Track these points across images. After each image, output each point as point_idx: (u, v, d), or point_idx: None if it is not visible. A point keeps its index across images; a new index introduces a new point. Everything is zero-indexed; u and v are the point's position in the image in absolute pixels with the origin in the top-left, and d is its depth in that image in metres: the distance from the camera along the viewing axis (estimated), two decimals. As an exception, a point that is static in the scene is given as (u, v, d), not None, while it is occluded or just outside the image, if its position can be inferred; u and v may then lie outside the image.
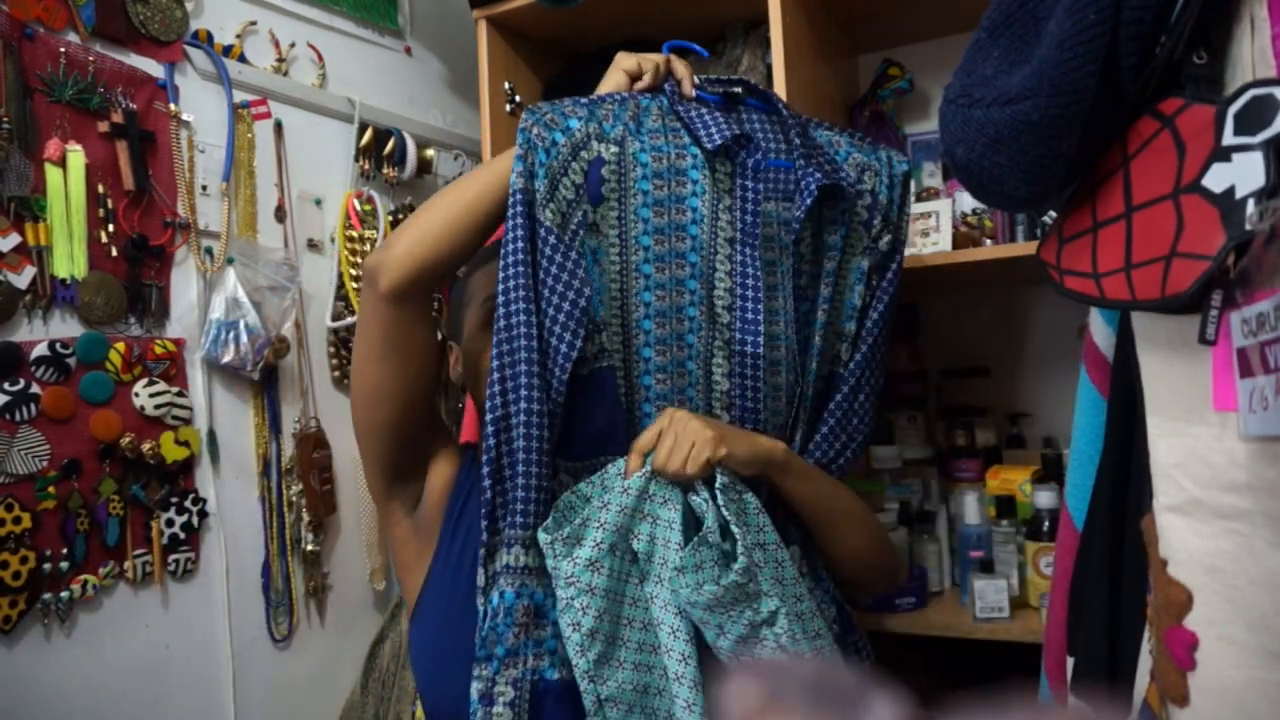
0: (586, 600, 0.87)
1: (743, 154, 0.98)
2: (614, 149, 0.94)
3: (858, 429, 1.08)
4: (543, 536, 0.89)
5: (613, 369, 0.95)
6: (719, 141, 0.94)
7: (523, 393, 0.88)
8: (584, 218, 0.92)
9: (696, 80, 1.03)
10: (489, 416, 0.90)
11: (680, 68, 1.03)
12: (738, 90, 1.04)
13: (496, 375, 0.90)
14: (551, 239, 0.90)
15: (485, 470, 0.90)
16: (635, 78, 1.02)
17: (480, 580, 0.90)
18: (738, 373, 0.98)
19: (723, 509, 0.89)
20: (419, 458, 1.04)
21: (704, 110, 0.99)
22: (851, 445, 1.08)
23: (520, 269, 0.90)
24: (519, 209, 0.90)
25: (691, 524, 0.91)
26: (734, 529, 0.88)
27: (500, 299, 0.90)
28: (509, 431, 0.89)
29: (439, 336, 1.10)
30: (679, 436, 0.90)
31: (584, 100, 0.97)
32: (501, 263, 0.90)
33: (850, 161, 1.06)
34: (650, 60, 1.02)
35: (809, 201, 0.97)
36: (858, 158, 1.07)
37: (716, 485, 0.89)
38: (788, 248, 1.00)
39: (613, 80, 1.03)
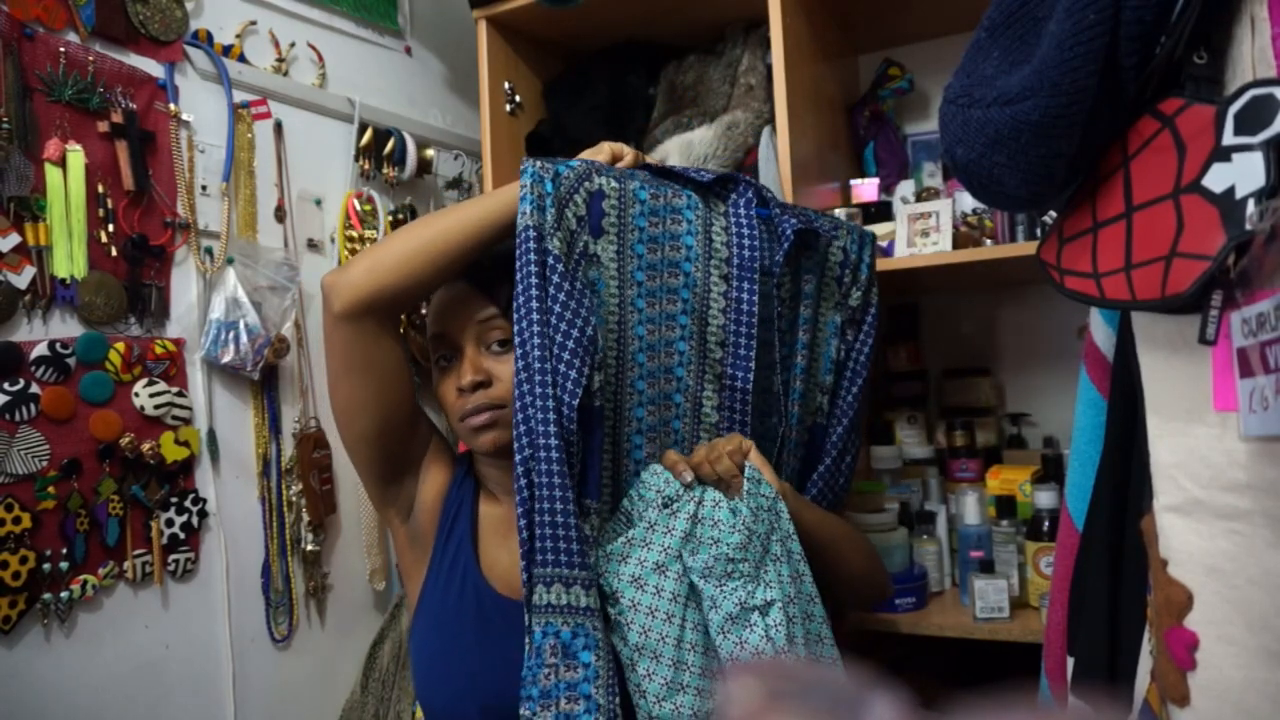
0: (630, 616, 0.88)
1: (733, 195, 1.02)
2: (614, 184, 0.96)
3: (843, 488, 1.16)
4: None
5: (601, 408, 0.94)
6: (710, 178, 0.99)
7: (539, 429, 0.87)
8: (585, 248, 0.93)
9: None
10: (517, 457, 0.88)
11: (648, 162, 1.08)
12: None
13: (520, 415, 0.88)
14: (560, 267, 0.90)
15: (520, 511, 0.87)
16: (617, 159, 1.05)
17: (527, 621, 0.88)
18: (727, 405, 1.02)
19: (748, 494, 0.92)
20: (406, 466, 1.05)
21: (687, 168, 1.05)
22: (838, 504, 1.16)
23: (534, 306, 0.88)
24: (529, 245, 0.89)
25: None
26: (744, 509, 0.91)
27: (518, 339, 0.89)
28: (535, 473, 0.87)
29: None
30: (716, 444, 0.96)
31: (576, 162, 0.98)
32: (515, 303, 0.89)
33: (821, 222, 1.13)
34: (629, 149, 1.06)
35: (786, 246, 1.01)
36: (827, 221, 1.15)
37: (746, 473, 0.93)
38: (773, 289, 1.04)
39: (591, 154, 1.04)
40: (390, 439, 1.01)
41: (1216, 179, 0.61)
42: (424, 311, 1.13)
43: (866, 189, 1.66)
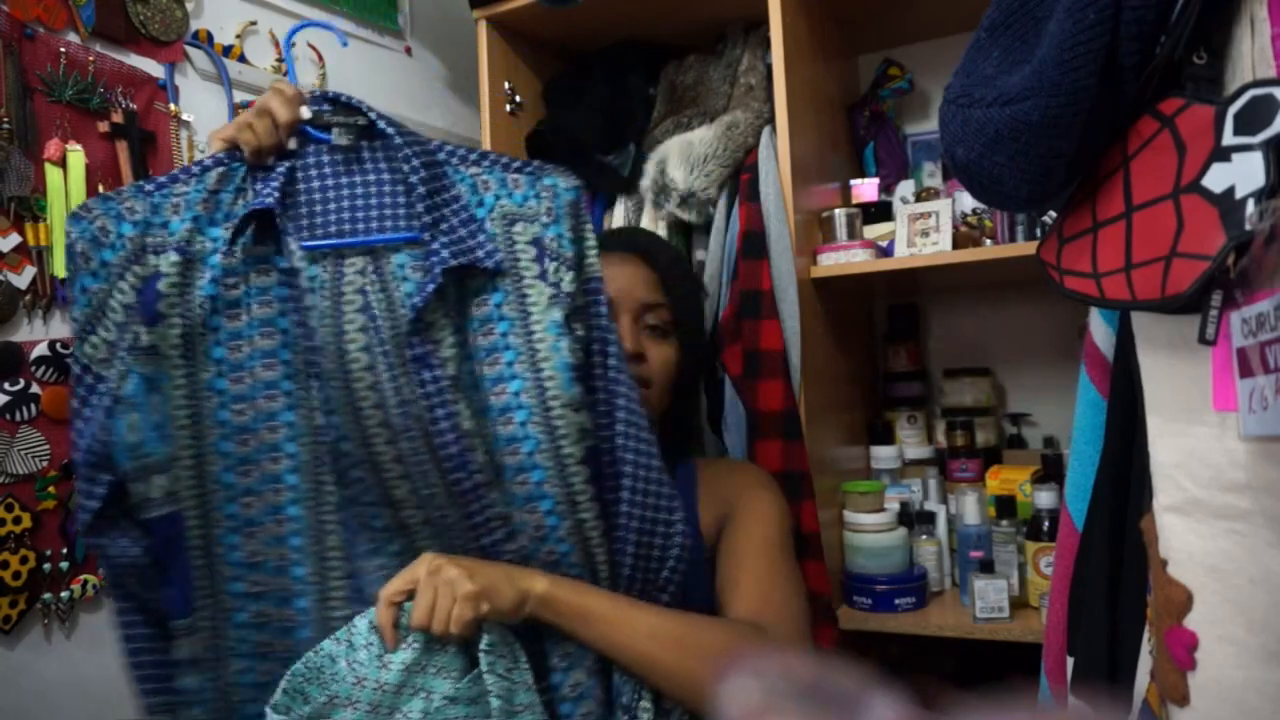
0: None
1: (284, 228, 0.85)
2: (174, 257, 0.82)
3: (668, 535, 0.90)
4: (273, 716, 0.77)
5: (175, 514, 0.82)
6: (227, 248, 0.84)
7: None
8: (135, 341, 0.80)
9: (307, 113, 0.89)
10: None
11: (282, 114, 0.87)
12: (362, 123, 0.91)
13: None
14: (89, 378, 0.80)
15: None
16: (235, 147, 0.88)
17: None
18: (357, 480, 0.86)
19: (485, 671, 0.79)
20: None
21: (277, 182, 0.86)
22: (668, 558, 0.90)
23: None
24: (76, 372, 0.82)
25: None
26: (495, 700, 0.79)
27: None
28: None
29: None
30: (439, 590, 0.79)
31: (151, 185, 0.85)
32: None
33: (496, 212, 0.91)
34: (252, 127, 0.86)
35: (430, 288, 0.84)
36: (506, 205, 0.91)
37: (482, 646, 0.80)
38: (403, 330, 0.87)
39: (215, 146, 0.89)
40: None
41: (1216, 179, 0.61)
42: None
43: (866, 189, 1.66)
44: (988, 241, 1.48)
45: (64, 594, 1.26)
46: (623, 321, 1.05)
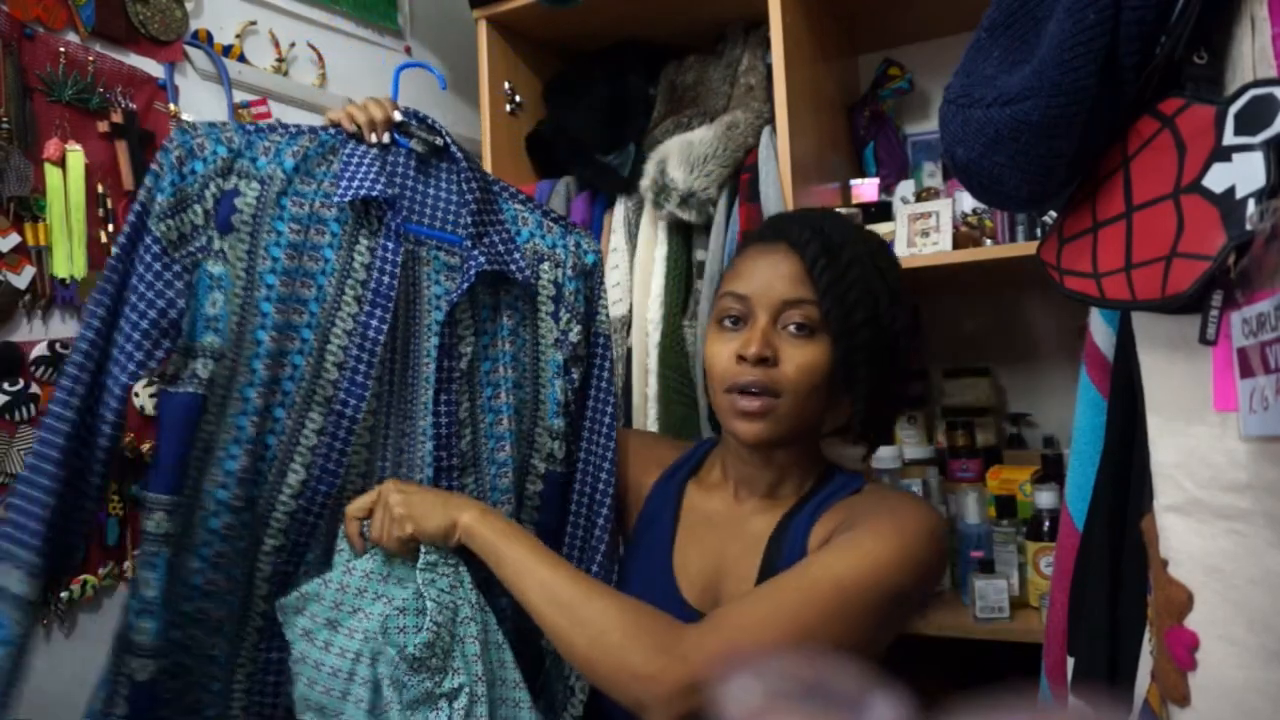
0: (299, 669, 0.91)
1: (389, 214, 0.96)
2: (255, 186, 0.93)
3: (606, 554, 1.05)
4: (278, 602, 0.93)
5: (198, 396, 0.89)
6: (348, 198, 0.94)
7: (58, 402, 0.85)
8: (207, 243, 0.90)
9: (398, 117, 1.02)
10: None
11: (377, 113, 1.00)
12: (439, 143, 1.04)
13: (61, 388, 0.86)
14: (156, 248, 0.88)
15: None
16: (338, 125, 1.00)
17: None
18: (330, 430, 0.95)
19: (423, 586, 0.89)
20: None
21: (368, 158, 0.97)
22: (608, 568, 1.04)
23: (113, 277, 0.88)
24: (133, 220, 0.88)
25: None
26: (429, 603, 0.89)
27: (89, 308, 0.88)
28: (34, 454, 0.87)
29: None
30: (385, 509, 0.91)
31: (252, 127, 0.96)
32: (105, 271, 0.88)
33: (529, 247, 1.06)
34: (352, 112, 1.00)
35: (465, 286, 0.97)
36: (539, 244, 1.07)
37: (419, 565, 0.90)
38: (433, 325, 1.00)
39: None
40: None
41: (1217, 179, 0.61)
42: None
43: (866, 189, 1.66)
44: (988, 241, 1.48)
45: (63, 594, 1.26)
46: (758, 321, 0.93)
